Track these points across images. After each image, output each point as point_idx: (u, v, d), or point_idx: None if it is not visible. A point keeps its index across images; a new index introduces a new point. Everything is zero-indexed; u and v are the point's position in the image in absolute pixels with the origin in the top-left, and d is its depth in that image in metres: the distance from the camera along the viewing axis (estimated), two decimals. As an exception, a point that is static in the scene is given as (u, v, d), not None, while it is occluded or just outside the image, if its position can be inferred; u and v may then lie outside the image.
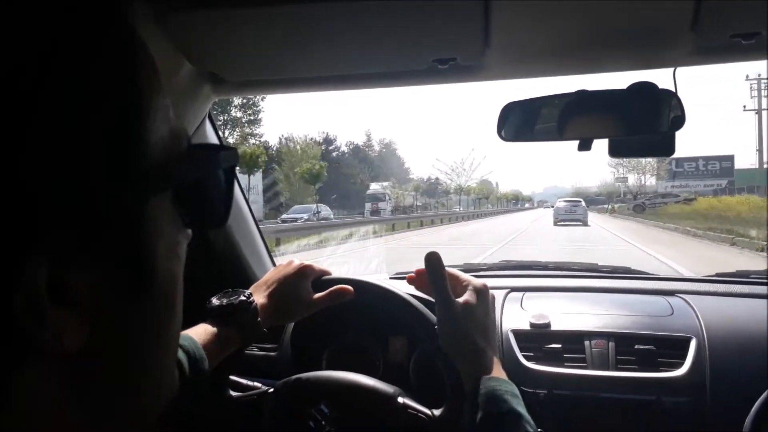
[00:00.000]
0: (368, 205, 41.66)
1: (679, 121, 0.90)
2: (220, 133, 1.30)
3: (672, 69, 0.96)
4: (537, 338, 1.13)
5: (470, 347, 0.75)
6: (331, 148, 67.48)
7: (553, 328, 1.13)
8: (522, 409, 0.69)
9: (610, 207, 52.95)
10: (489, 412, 0.68)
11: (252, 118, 50.45)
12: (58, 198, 0.26)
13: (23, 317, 0.25)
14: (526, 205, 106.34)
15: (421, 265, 0.80)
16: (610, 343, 1.09)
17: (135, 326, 0.32)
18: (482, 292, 0.79)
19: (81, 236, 0.27)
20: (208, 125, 1.17)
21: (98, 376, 0.30)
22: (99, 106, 0.28)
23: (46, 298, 0.25)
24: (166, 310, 0.34)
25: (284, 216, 29.80)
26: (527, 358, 1.10)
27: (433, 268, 0.78)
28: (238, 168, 0.44)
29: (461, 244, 15.42)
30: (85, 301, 0.27)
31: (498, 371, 0.74)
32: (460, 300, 0.77)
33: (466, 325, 0.75)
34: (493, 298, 0.82)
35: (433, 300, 0.80)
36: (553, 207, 35.07)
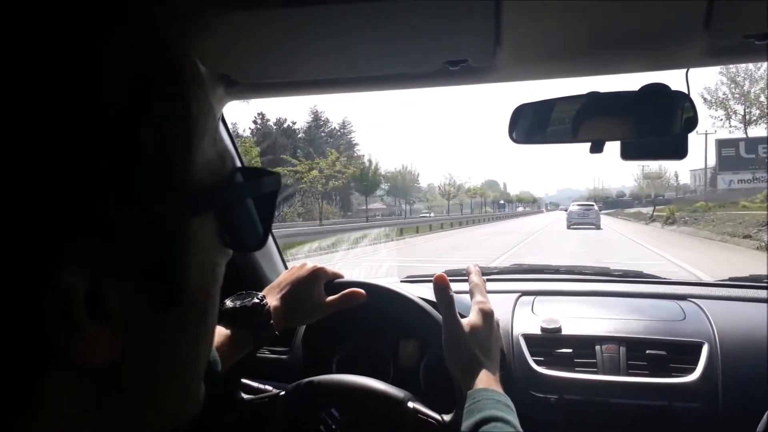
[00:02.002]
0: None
1: (692, 122, 0.89)
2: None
3: (684, 70, 0.96)
4: (548, 343, 1.12)
5: (469, 358, 0.78)
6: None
7: (564, 332, 1.12)
8: (511, 417, 0.69)
9: (665, 214, 29.09)
10: (476, 420, 0.69)
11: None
12: (98, 212, 0.26)
13: (58, 329, 0.25)
14: (519, 209, 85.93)
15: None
16: (621, 348, 1.07)
17: (164, 340, 0.32)
18: (488, 317, 0.83)
19: (119, 251, 0.27)
20: (221, 128, 1.18)
21: (121, 386, 0.30)
22: (144, 123, 0.28)
23: (83, 312, 0.25)
24: (197, 326, 0.34)
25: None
26: (538, 362, 1.09)
27: (440, 291, 0.83)
28: None
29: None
30: (119, 314, 0.27)
31: (494, 384, 0.75)
32: (467, 320, 0.82)
33: (467, 340, 0.79)
34: (498, 324, 0.87)
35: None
36: (566, 211, 34.84)
